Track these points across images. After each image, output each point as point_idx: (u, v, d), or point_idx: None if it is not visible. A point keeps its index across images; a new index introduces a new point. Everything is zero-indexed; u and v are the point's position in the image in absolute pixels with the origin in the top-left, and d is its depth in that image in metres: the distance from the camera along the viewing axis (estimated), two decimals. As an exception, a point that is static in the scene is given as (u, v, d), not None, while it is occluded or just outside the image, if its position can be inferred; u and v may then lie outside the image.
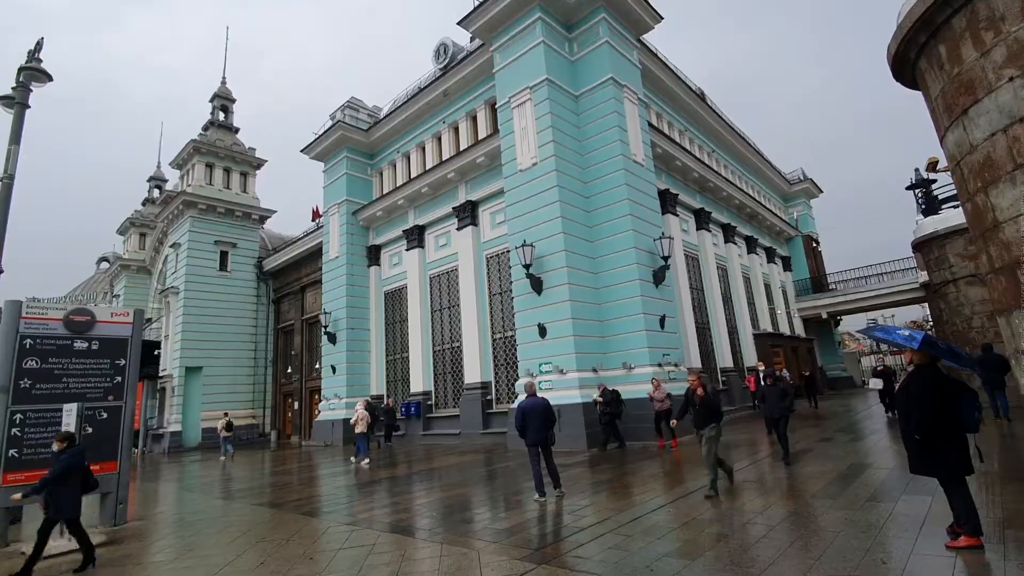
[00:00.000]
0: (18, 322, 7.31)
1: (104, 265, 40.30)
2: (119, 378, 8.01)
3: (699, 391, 7.16)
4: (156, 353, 28.08)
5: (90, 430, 7.41)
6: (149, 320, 30.22)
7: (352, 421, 14.61)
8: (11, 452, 7.00)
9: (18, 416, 7.12)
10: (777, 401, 9.02)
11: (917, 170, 20.68)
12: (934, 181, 19.89)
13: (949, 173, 6.56)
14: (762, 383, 9.68)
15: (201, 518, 8.04)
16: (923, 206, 20.17)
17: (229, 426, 19.80)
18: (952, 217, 17.17)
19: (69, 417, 6.83)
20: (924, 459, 4.42)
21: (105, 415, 7.78)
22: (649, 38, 18.67)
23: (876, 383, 14.30)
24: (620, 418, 12.30)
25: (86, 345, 7.82)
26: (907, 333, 4.50)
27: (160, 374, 27.96)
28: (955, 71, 5.55)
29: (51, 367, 7.47)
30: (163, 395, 27.99)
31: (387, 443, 17.84)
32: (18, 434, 7.08)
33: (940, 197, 19.36)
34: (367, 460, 13.41)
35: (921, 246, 18.93)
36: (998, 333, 14.40)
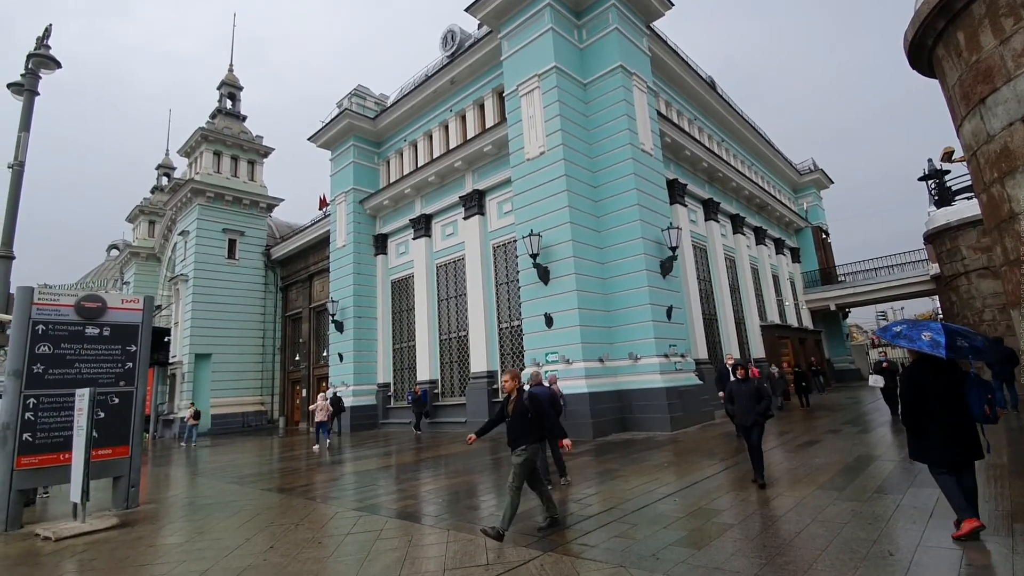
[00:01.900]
0: (30, 308, 7.40)
1: (114, 252, 40.64)
2: (130, 364, 8.10)
3: (513, 393, 5.48)
4: (166, 340, 28.41)
5: (102, 415, 7.52)
6: (159, 307, 30.52)
7: (315, 410, 15.63)
8: (25, 436, 7.11)
9: (31, 400, 7.23)
10: (750, 403, 6.87)
11: (930, 161, 20.37)
12: (947, 172, 19.60)
13: (964, 163, 6.45)
14: (733, 377, 7.41)
15: (211, 502, 8.16)
16: (936, 197, 19.89)
17: (196, 415, 21.32)
18: (965, 208, 16.92)
19: (82, 402, 6.92)
20: (911, 446, 4.63)
21: (117, 400, 7.88)
22: (659, 25, 18.41)
23: (877, 380, 12.30)
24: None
25: (97, 331, 7.90)
26: (930, 337, 4.31)
27: (170, 360, 28.29)
28: (973, 59, 5.43)
29: (63, 352, 7.56)
30: (173, 381, 28.35)
31: (418, 431, 17.60)
32: (32, 418, 7.19)
33: (953, 188, 19.09)
34: (327, 443, 15.03)
35: (933, 238, 18.70)
36: (1009, 326, 14.25)
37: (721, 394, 11.70)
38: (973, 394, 4.31)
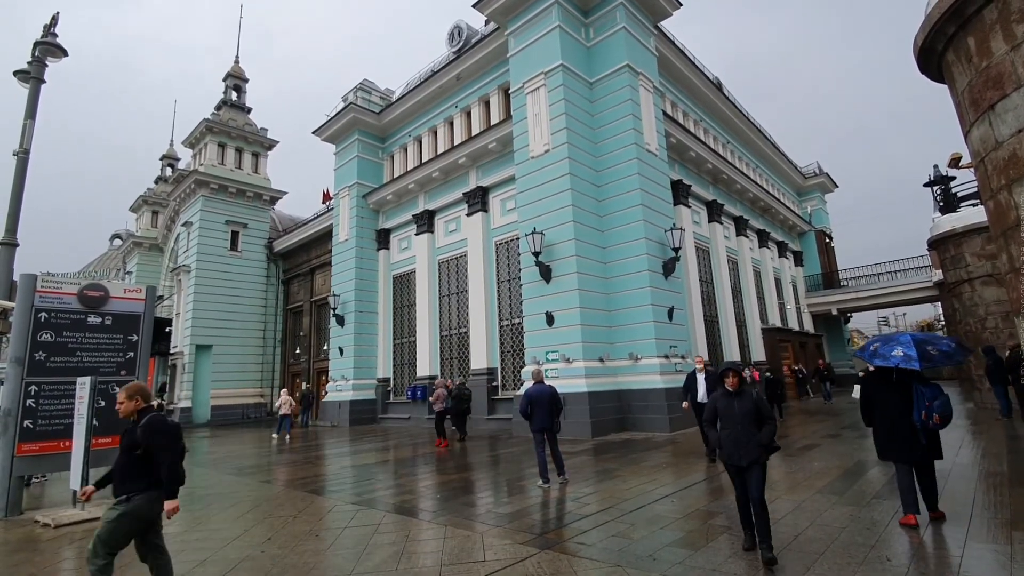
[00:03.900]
0: (33, 296, 7.41)
1: (117, 242, 40.68)
2: (131, 353, 8.12)
3: (133, 418, 3.80)
4: (168, 330, 28.37)
5: (103, 404, 7.53)
6: (161, 297, 30.55)
7: (276, 405, 17.08)
8: (26, 423, 7.14)
9: (33, 388, 7.25)
10: (746, 430, 4.35)
11: (936, 167, 20.26)
12: (953, 178, 19.50)
13: (971, 170, 6.43)
14: (727, 386, 4.59)
15: (209, 493, 8.18)
16: (941, 203, 19.79)
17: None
18: (970, 215, 16.82)
19: (83, 391, 6.94)
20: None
21: (118, 389, 7.89)
22: (667, 24, 18.35)
23: (856, 391, 11.37)
24: (469, 414, 13.96)
25: (100, 320, 7.92)
26: (902, 353, 4.72)
27: (171, 351, 28.35)
28: (983, 64, 5.40)
29: (65, 341, 7.59)
30: (174, 372, 28.40)
31: (454, 427, 15.86)
32: (33, 405, 7.21)
33: (959, 195, 18.99)
34: (288, 435, 16.23)
35: (937, 244, 18.60)
36: (1012, 334, 14.20)
37: (685, 404, 9.40)
38: (915, 402, 4.76)
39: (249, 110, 32.45)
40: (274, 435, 16.45)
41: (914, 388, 4.79)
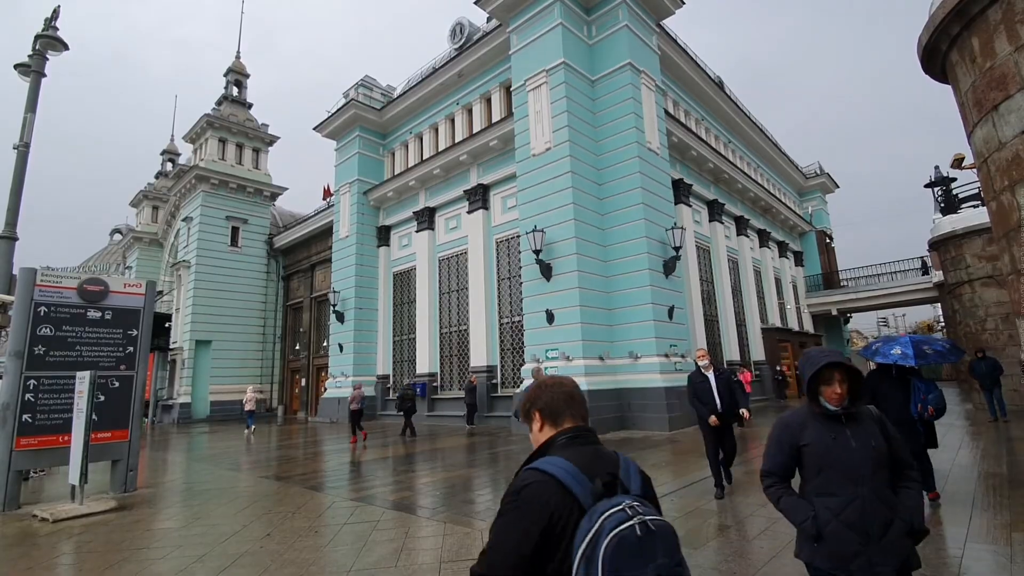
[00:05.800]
0: (33, 290, 7.40)
1: (117, 237, 40.65)
2: (131, 348, 8.11)
3: None
4: (167, 325, 28.48)
5: (102, 398, 7.53)
6: (161, 292, 30.54)
7: (244, 401, 17.87)
8: (25, 417, 7.13)
9: (32, 382, 7.24)
10: (882, 490, 2.13)
11: (937, 168, 20.24)
12: (954, 179, 19.49)
13: (974, 170, 6.41)
14: (826, 402, 2.27)
15: (208, 488, 8.18)
16: (942, 204, 19.78)
17: None
18: (971, 216, 16.81)
19: (82, 385, 6.93)
20: None
21: (117, 384, 7.90)
22: (669, 23, 18.30)
23: None
24: (414, 412, 14.87)
25: (99, 315, 7.91)
26: (900, 351, 5.17)
27: (171, 346, 28.36)
28: (987, 65, 5.38)
29: (65, 335, 7.57)
30: (173, 367, 28.42)
31: (470, 424, 15.99)
32: (32, 400, 7.20)
33: (960, 196, 18.97)
34: (252, 428, 17.33)
35: (937, 245, 18.61)
36: (1012, 335, 14.21)
37: (713, 419, 6.32)
38: (912, 396, 5.14)
39: (250, 105, 32.40)
40: (246, 430, 17.31)
41: (912, 384, 5.20)
